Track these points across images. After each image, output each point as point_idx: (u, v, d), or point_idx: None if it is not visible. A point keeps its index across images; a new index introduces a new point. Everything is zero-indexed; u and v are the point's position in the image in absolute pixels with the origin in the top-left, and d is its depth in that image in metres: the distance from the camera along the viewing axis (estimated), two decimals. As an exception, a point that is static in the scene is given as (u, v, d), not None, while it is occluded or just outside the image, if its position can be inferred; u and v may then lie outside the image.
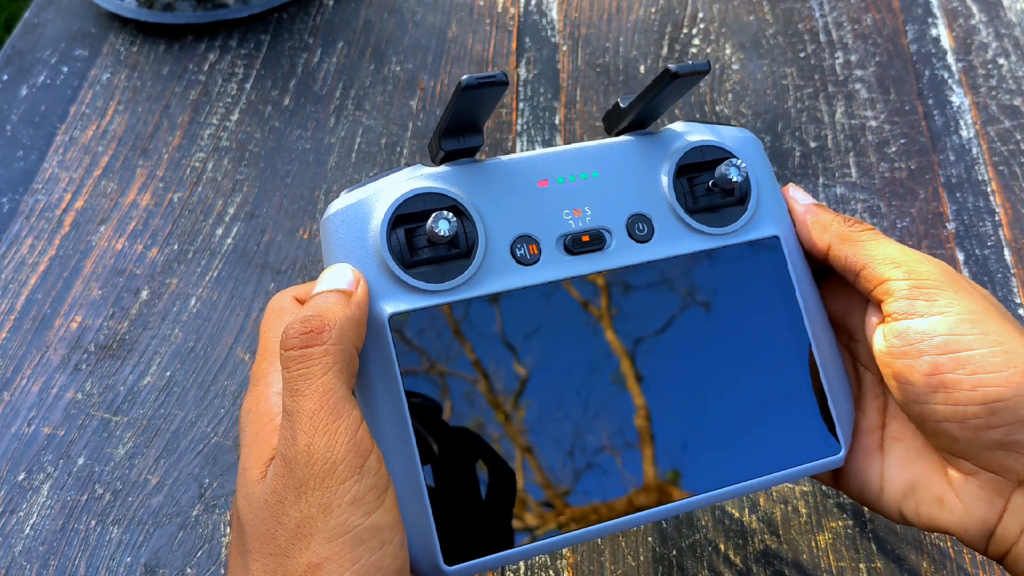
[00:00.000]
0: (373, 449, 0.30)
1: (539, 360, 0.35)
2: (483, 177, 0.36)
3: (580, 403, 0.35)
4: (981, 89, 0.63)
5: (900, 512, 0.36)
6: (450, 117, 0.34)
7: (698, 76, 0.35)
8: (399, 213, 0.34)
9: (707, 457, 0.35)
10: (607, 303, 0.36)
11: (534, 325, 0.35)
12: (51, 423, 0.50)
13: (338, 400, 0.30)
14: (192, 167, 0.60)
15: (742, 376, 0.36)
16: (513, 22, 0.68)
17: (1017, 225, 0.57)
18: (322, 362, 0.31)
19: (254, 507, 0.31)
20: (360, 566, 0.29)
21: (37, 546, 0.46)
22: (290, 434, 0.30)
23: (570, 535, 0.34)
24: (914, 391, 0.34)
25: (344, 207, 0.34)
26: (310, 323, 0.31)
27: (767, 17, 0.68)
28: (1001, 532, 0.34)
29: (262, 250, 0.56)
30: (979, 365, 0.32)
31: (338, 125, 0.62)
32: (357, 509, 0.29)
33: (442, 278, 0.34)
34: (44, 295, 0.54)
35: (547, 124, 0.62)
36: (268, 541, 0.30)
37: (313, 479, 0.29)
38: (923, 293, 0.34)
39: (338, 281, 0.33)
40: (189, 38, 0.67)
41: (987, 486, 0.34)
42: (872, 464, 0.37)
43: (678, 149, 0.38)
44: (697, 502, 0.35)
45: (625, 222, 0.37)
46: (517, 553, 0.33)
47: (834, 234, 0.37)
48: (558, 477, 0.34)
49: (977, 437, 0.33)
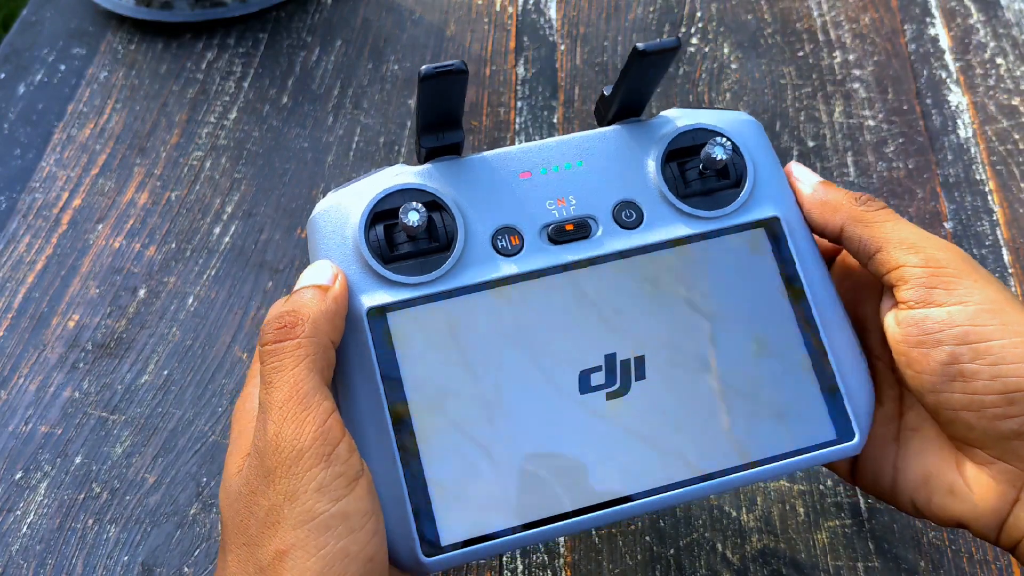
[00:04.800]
0: (343, 438, 0.30)
1: (521, 349, 0.34)
2: (464, 172, 0.36)
3: (565, 392, 0.34)
4: (979, 89, 0.63)
5: (913, 503, 0.36)
6: (420, 111, 0.35)
7: (667, 53, 0.35)
8: (378, 210, 0.35)
9: (710, 446, 0.34)
10: (593, 290, 0.35)
11: (515, 314, 0.34)
12: (48, 422, 0.50)
13: (308, 390, 0.31)
14: (190, 165, 0.60)
15: (742, 363, 0.35)
16: (511, 21, 0.68)
17: (1015, 224, 0.57)
18: (294, 355, 0.31)
19: (230, 499, 0.31)
20: (326, 552, 0.29)
21: (34, 545, 0.46)
22: (261, 425, 0.31)
23: (553, 527, 0.33)
24: (930, 380, 0.33)
25: (327, 207, 0.35)
26: (284, 319, 0.32)
27: (765, 16, 0.68)
28: (1012, 522, 0.34)
29: (260, 249, 0.56)
30: (999, 355, 0.32)
31: (336, 124, 0.62)
32: (323, 496, 0.29)
33: (421, 271, 0.34)
34: (41, 293, 0.54)
35: (545, 123, 0.62)
36: (241, 532, 0.31)
37: (280, 467, 0.30)
38: (941, 281, 0.33)
39: (316, 277, 0.34)
40: (187, 36, 0.67)
41: (999, 476, 0.34)
42: (887, 455, 0.37)
43: (667, 134, 0.37)
44: (702, 490, 0.34)
45: (611, 209, 0.36)
46: (497, 545, 0.32)
47: (846, 214, 0.36)
48: (543, 467, 0.33)
49: (993, 426, 0.33)
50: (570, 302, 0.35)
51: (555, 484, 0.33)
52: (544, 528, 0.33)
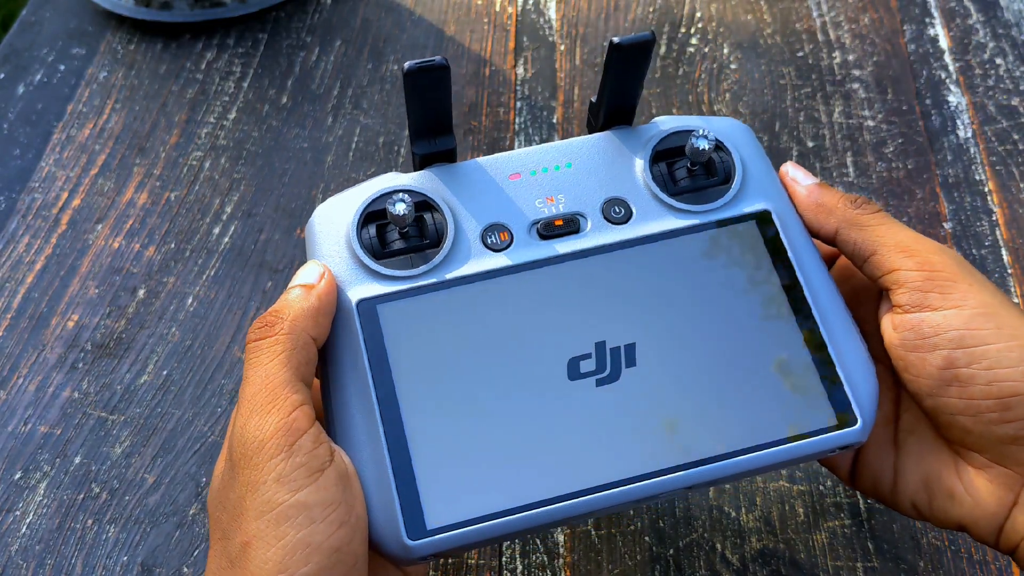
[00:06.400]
0: (309, 429, 0.31)
1: (510, 338, 0.34)
2: (456, 176, 0.38)
3: (554, 378, 0.34)
4: (978, 89, 0.63)
5: (913, 506, 0.36)
6: (410, 112, 0.36)
7: (643, 46, 0.36)
8: (370, 211, 0.36)
9: (704, 432, 0.34)
10: (583, 282, 0.35)
11: (505, 305, 0.35)
12: (48, 422, 0.50)
13: (278, 384, 0.31)
14: (189, 166, 0.60)
15: (736, 351, 0.35)
16: (511, 21, 0.68)
17: (1014, 225, 0.57)
18: (269, 351, 0.32)
19: (211, 495, 0.32)
20: (286, 543, 0.29)
21: (34, 545, 0.46)
22: (233, 419, 0.32)
23: (541, 511, 0.33)
24: (927, 384, 0.33)
25: (323, 211, 0.37)
26: (266, 318, 0.33)
27: (765, 17, 0.68)
28: (1010, 525, 0.34)
29: (259, 249, 0.56)
30: (995, 360, 0.32)
31: (336, 124, 0.62)
32: (282, 487, 0.30)
33: (411, 266, 0.36)
34: (41, 294, 0.54)
35: (545, 123, 0.62)
36: (217, 526, 0.31)
37: (244, 458, 0.30)
38: (936, 285, 0.33)
39: (304, 277, 0.35)
40: (186, 36, 0.67)
41: (997, 480, 0.34)
42: (886, 457, 0.37)
43: (654, 136, 0.38)
44: (695, 475, 0.33)
45: (600, 206, 0.37)
46: (484, 529, 0.32)
47: (841, 217, 0.36)
48: (531, 452, 0.33)
49: (990, 431, 0.33)
50: (560, 293, 0.35)
51: (544, 469, 0.33)
52: (532, 512, 0.33)
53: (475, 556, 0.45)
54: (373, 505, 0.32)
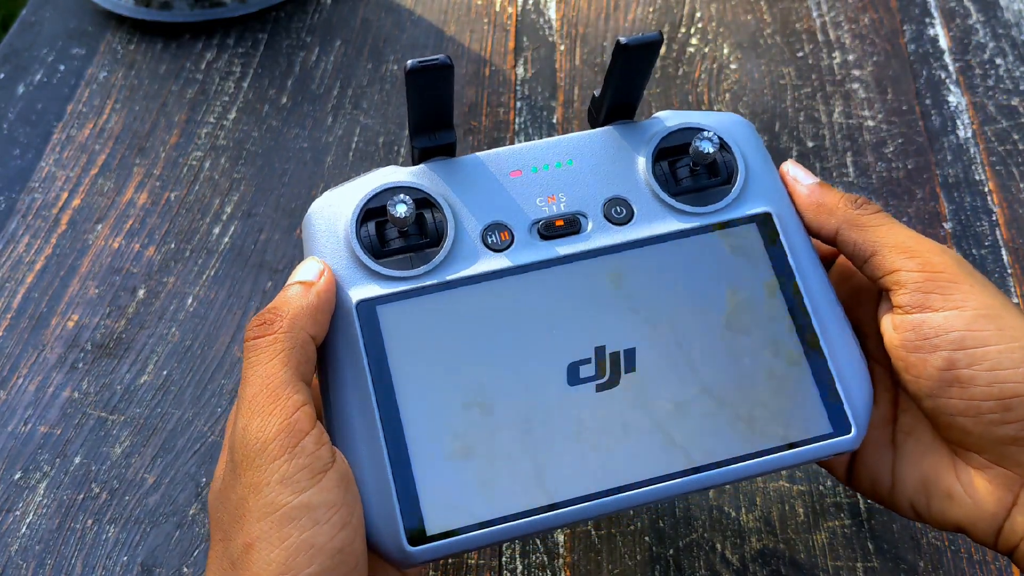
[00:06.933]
0: (311, 430, 0.31)
1: (509, 341, 0.34)
2: (456, 171, 0.37)
3: (554, 383, 0.34)
4: (978, 89, 0.63)
5: (912, 507, 0.36)
6: (411, 109, 0.35)
7: (650, 46, 0.35)
8: (369, 207, 0.36)
9: (702, 438, 0.34)
10: (582, 284, 0.35)
11: (504, 307, 0.35)
12: (47, 422, 0.50)
13: (279, 384, 0.31)
14: (189, 166, 0.60)
15: (733, 356, 0.35)
16: (511, 21, 0.68)
17: (1014, 225, 0.57)
18: (268, 350, 0.32)
19: (212, 496, 0.32)
20: (289, 544, 0.29)
21: (33, 545, 0.46)
22: (233, 420, 0.31)
23: (541, 517, 0.32)
24: (928, 385, 0.33)
25: (320, 206, 0.37)
26: (264, 316, 0.33)
27: (765, 17, 0.68)
28: (1010, 526, 0.33)
29: (259, 249, 0.56)
30: (996, 361, 0.32)
31: (336, 124, 0.62)
32: (285, 488, 0.29)
33: (411, 266, 0.35)
34: (41, 294, 0.54)
35: (545, 123, 0.62)
36: (218, 527, 0.31)
37: (246, 460, 0.30)
38: (937, 286, 0.33)
39: (303, 274, 0.34)
40: (186, 36, 0.67)
41: (997, 481, 0.34)
42: (884, 458, 0.37)
43: (657, 133, 0.38)
44: (694, 482, 0.33)
45: (602, 206, 0.37)
46: (484, 535, 0.32)
47: (841, 218, 0.36)
48: (531, 457, 0.33)
49: (990, 432, 0.33)
50: (560, 295, 0.35)
51: (543, 474, 0.33)
52: (532, 519, 0.32)
53: (475, 556, 0.45)
54: (372, 510, 0.32)
